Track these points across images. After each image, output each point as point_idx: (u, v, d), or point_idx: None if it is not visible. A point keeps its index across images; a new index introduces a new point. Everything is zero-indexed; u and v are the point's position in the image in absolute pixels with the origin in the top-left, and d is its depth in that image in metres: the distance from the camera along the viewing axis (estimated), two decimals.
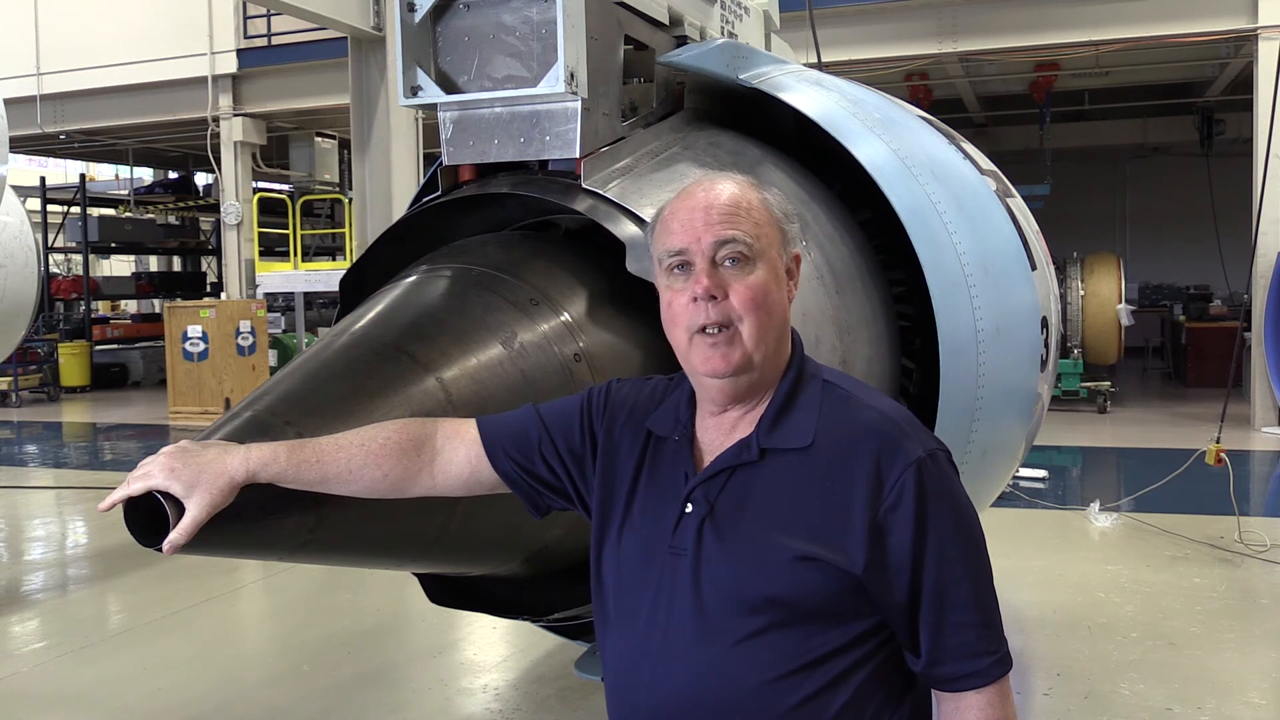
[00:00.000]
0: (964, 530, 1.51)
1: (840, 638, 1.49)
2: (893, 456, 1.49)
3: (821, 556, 1.46)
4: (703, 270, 1.52)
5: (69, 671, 5.09)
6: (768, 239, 1.56)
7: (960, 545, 1.50)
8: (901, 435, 1.51)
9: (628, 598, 1.59)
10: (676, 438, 1.63)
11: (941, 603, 1.48)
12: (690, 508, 1.55)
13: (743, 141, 2.83)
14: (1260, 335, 11.41)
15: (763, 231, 1.55)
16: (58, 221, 22.12)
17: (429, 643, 5.35)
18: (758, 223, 1.55)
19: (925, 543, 1.47)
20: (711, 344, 1.52)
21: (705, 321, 1.52)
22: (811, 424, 1.54)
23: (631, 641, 1.57)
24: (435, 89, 2.39)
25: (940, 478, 1.50)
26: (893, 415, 1.55)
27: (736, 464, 1.55)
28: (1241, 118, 15.65)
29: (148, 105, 16.48)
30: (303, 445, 1.69)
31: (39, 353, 18.23)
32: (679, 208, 1.58)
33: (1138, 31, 12.05)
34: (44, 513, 9.33)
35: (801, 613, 1.47)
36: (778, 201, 1.61)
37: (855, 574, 1.45)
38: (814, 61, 4.98)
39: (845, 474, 1.49)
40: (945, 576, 1.48)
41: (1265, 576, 6.12)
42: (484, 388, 2.03)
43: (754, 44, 3.58)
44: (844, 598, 1.47)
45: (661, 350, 2.40)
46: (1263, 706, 4.35)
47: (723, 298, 1.51)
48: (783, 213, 1.60)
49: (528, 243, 2.51)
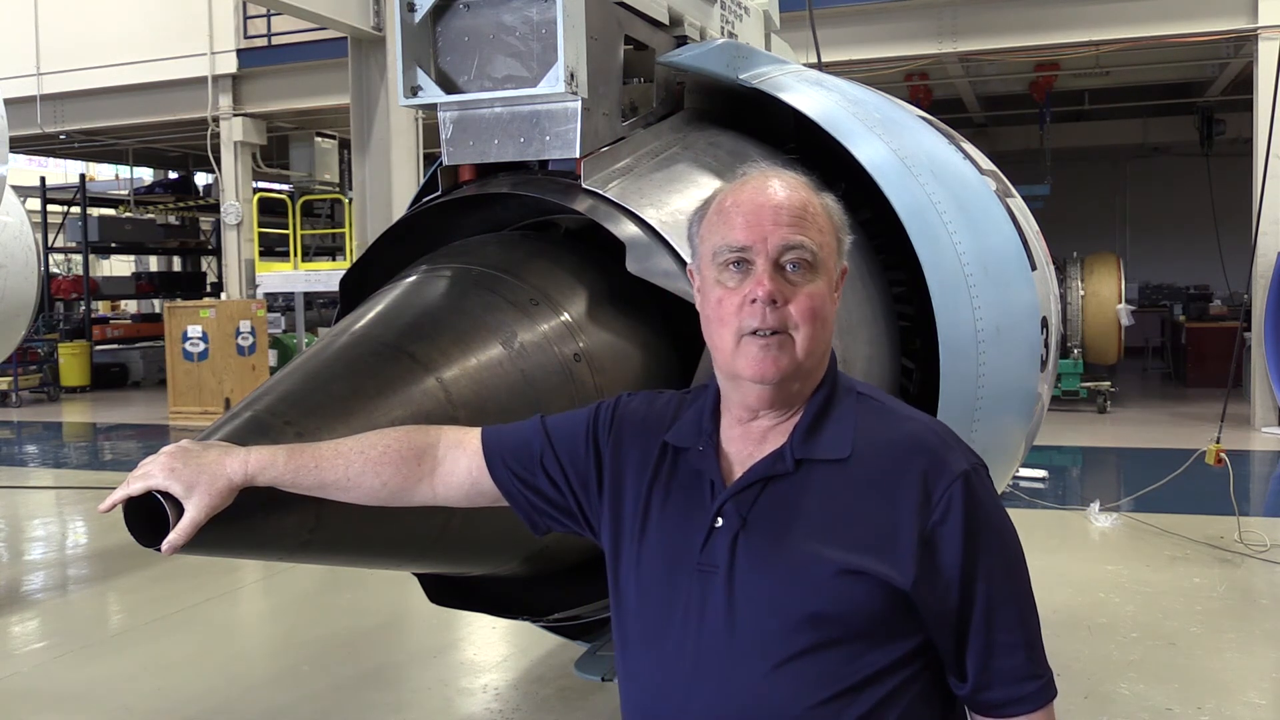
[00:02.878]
0: (1010, 548, 1.47)
1: (885, 657, 1.42)
2: (939, 469, 1.44)
3: (868, 569, 1.39)
4: (765, 272, 1.45)
5: (69, 671, 5.09)
6: (829, 248, 1.50)
7: (1007, 563, 1.46)
8: (945, 449, 1.47)
9: (651, 618, 1.51)
10: (701, 448, 1.55)
11: (990, 622, 1.43)
12: (721, 522, 1.47)
13: (743, 141, 2.83)
14: (1260, 335, 11.41)
15: (826, 240, 1.50)
16: (58, 221, 22.11)
17: (429, 643, 5.35)
18: (822, 230, 1.50)
19: (975, 558, 1.42)
20: (763, 346, 1.45)
21: (760, 325, 1.45)
22: (848, 436, 1.48)
23: (657, 664, 1.49)
24: (435, 89, 2.39)
25: (985, 494, 1.46)
26: (934, 427, 1.51)
27: (770, 475, 1.47)
28: (1241, 118, 15.65)
29: (148, 105, 16.48)
30: (302, 450, 1.66)
31: (39, 353, 18.22)
32: (743, 200, 1.49)
33: (1138, 31, 12.05)
34: (44, 513, 9.33)
35: (847, 630, 1.40)
36: (838, 210, 1.56)
37: (904, 588, 1.39)
38: (814, 61, 4.98)
39: (890, 486, 1.43)
40: (994, 594, 1.43)
41: (1265, 576, 6.12)
42: (484, 388, 2.03)
43: (754, 44, 3.58)
44: (890, 614, 1.41)
45: (661, 350, 2.40)
46: (1263, 706, 4.35)
47: (782, 304, 1.45)
48: (841, 222, 1.55)
49: (528, 243, 2.51)
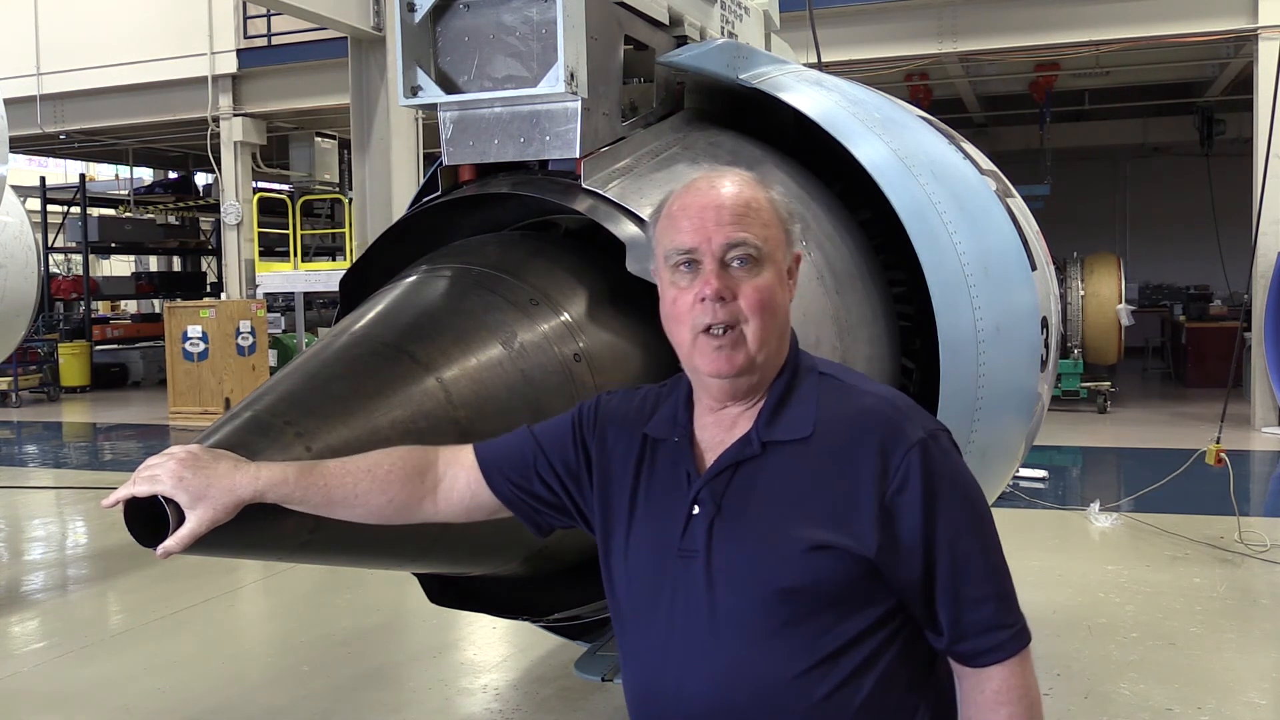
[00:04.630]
0: (971, 507, 1.53)
1: (860, 624, 1.49)
2: (895, 439, 1.50)
3: (834, 543, 1.47)
4: (712, 271, 1.52)
5: (69, 671, 5.09)
6: (774, 240, 1.56)
7: (969, 521, 1.51)
8: (902, 418, 1.53)
9: (642, 605, 1.59)
10: (676, 439, 1.62)
11: (957, 579, 1.50)
12: (698, 509, 1.55)
13: (743, 141, 2.83)
14: (1260, 335, 11.40)
15: (770, 233, 1.55)
16: (58, 221, 22.12)
17: (429, 643, 5.35)
18: (766, 224, 1.55)
19: (935, 521, 1.48)
20: (717, 346, 1.52)
21: (712, 321, 1.52)
22: (810, 415, 1.55)
23: (651, 649, 1.57)
24: (435, 89, 2.39)
25: (943, 457, 1.52)
26: (891, 399, 1.57)
27: (740, 459, 1.55)
28: (1241, 118, 15.65)
29: (148, 105, 16.48)
30: (312, 468, 1.70)
31: (39, 353, 18.23)
32: (688, 204, 1.56)
33: (1138, 31, 12.05)
34: (44, 513, 9.32)
35: (820, 602, 1.48)
36: (783, 201, 1.62)
37: (869, 557, 1.47)
38: (814, 61, 4.98)
39: (849, 460, 1.50)
40: (958, 553, 1.49)
41: (1265, 576, 6.12)
42: (484, 388, 2.03)
43: (754, 44, 3.58)
44: (860, 582, 1.48)
45: (662, 350, 2.40)
46: (1263, 706, 4.35)
47: (731, 299, 1.51)
48: (787, 213, 1.61)
49: (528, 243, 2.51)
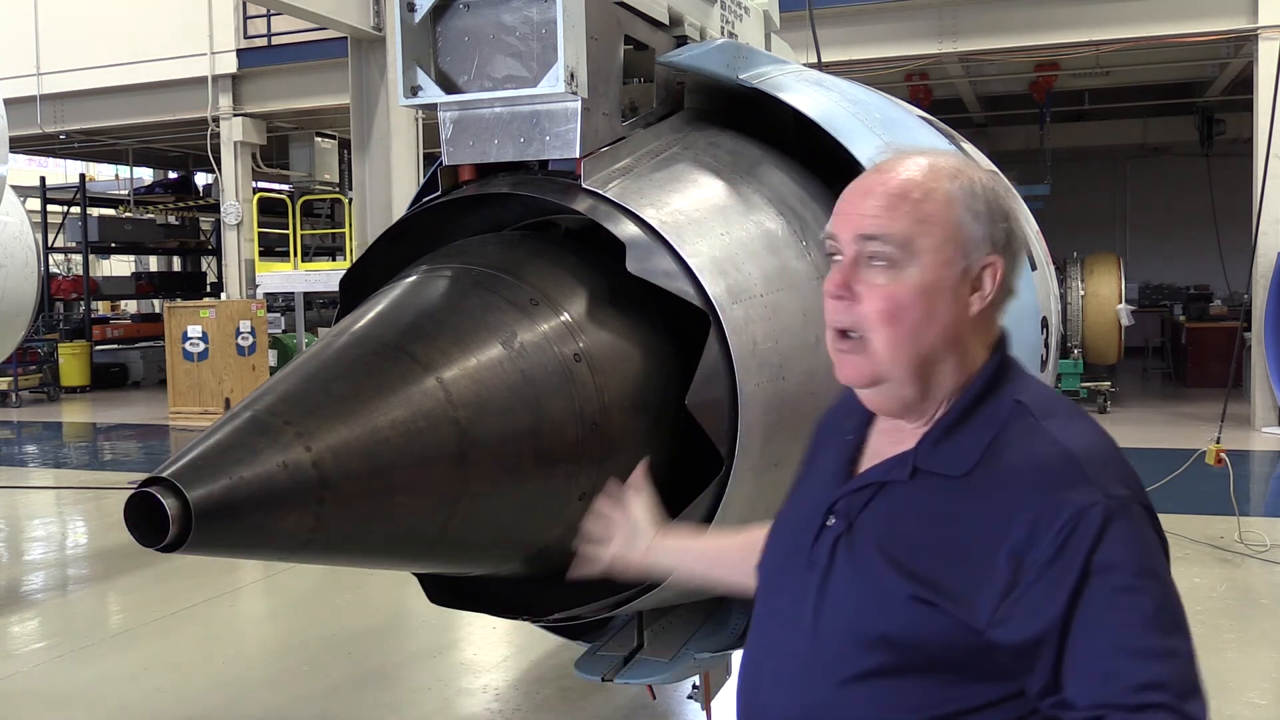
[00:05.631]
0: (1141, 603, 1.19)
1: (969, 699, 1.27)
2: (1057, 506, 1.21)
3: (941, 603, 1.25)
4: (840, 265, 1.35)
5: (69, 671, 5.09)
6: (932, 240, 1.32)
7: (1130, 619, 1.19)
8: (1076, 481, 1.23)
9: (764, 601, 1.50)
10: (849, 436, 1.48)
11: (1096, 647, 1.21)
12: (832, 520, 1.40)
13: (743, 141, 2.83)
14: (1260, 335, 11.40)
15: (926, 230, 1.32)
16: (58, 221, 22.11)
17: (429, 643, 5.35)
18: (924, 219, 1.32)
19: (1076, 611, 1.19)
20: (838, 349, 1.37)
21: (832, 322, 1.37)
22: (977, 450, 1.31)
23: (759, 648, 1.48)
24: (435, 89, 2.39)
25: (1125, 533, 1.20)
26: (1078, 450, 1.27)
27: (885, 480, 1.37)
28: (1241, 118, 15.64)
29: (148, 105, 16.48)
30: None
31: (39, 353, 18.23)
32: (855, 183, 1.39)
33: (1138, 31, 12.05)
34: (44, 513, 9.32)
35: (922, 659, 1.27)
36: (974, 193, 1.35)
37: (978, 629, 1.23)
38: (814, 61, 4.97)
39: (1002, 514, 1.24)
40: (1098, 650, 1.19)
41: (1265, 576, 6.12)
42: (484, 388, 2.02)
43: (754, 44, 3.57)
44: (973, 653, 1.25)
45: (661, 350, 2.40)
46: (1263, 706, 4.35)
47: (853, 300, 1.34)
48: (971, 210, 1.34)
49: (528, 243, 2.51)
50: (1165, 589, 1.22)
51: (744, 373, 2.24)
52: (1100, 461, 1.26)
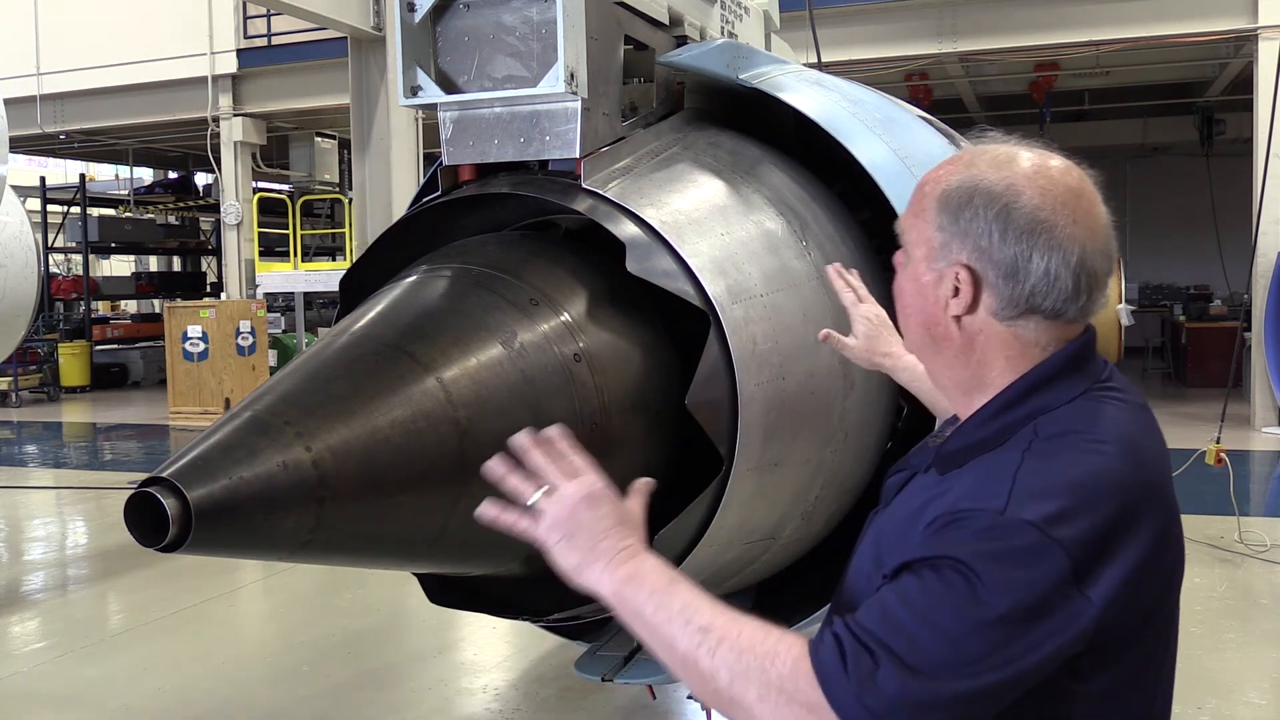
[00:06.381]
0: (946, 581, 1.19)
1: None
2: (972, 499, 1.24)
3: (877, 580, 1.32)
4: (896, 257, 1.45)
5: (69, 671, 5.09)
6: (916, 235, 1.38)
7: (927, 587, 1.20)
8: (1002, 493, 1.23)
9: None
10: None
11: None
12: (884, 499, 1.48)
13: (743, 141, 2.83)
14: (1260, 335, 11.40)
15: (915, 223, 1.38)
16: (58, 221, 22.11)
17: (429, 643, 5.35)
18: (917, 213, 1.37)
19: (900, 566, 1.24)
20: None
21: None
22: (966, 456, 1.33)
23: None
24: (435, 89, 2.39)
25: (989, 549, 1.19)
26: (1025, 479, 1.23)
27: (916, 469, 1.44)
28: (1241, 118, 15.65)
29: (148, 105, 16.48)
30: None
31: (39, 353, 18.23)
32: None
33: (1138, 31, 12.05)
34: (44, 513, 9.32)
35: None
36: (965, 188, 1.32)
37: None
38: (814, 61, 4.98)
39: (933, 500, 1.30)
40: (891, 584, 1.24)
41: (1265, 576, 6.12)
42: (484, 388, 2.02)
43: (754, 44, 3.57)
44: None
45: (661, 350, 2.40)
46: (1263, 706, 4.35)
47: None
48: (942, 208, 1.34)
49: (528, 243, 2.51)
50: (974, 611, 1.17)
51: (744, 373, 2.24)
52: (1037, 497, 1.21)
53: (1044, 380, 1.34)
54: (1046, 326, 1.33)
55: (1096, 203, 1.34)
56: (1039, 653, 1.18)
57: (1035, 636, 1.18)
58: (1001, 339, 1.35)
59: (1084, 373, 1.37)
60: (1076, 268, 1.30)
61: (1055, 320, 1.33)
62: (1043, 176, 1.31)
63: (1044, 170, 1.31)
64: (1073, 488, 1.22)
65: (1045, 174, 1.31)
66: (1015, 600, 1.17)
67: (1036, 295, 1.30)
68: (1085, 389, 1.35)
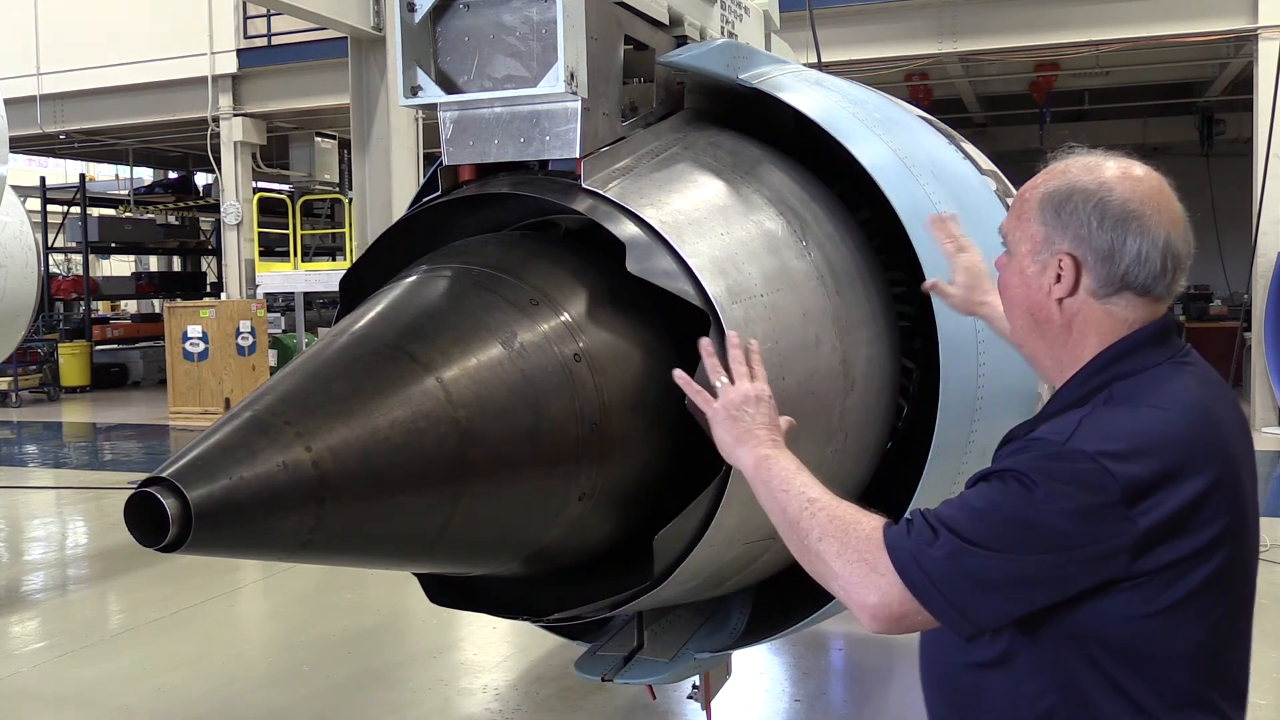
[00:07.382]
0: (984, 504, 1.46)
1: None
2: (1023, 436, 1.53)
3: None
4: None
5: (69, 671, 5.09)
6: (1019, 234, 1.61)
7: (969, 503, 1.48)
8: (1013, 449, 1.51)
9: None
10: None
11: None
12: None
13: (743, 141, 2.83)
14: (1260, 335, 11.41)
15: (1018, 225, 1.62)
16: (58, 221, 22.11)
17: (429, 643, 5.35)
18: (1019, 215, 1.62)
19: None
20: None
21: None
22: (1039, 420, 1.57)
23: None
24: (435, 89, 2.39)
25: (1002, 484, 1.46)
26: (1056, 431, 1.48)
27: (1016, 436, 1.60)
28: (1241, 118, 15.65)
29: (148, 105, 16.48)
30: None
31: (39, 353, 18.23)
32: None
33: (1138, 31, 12.05)
34: (44, 513, 9.33)
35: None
36: (1063, 190, 1.59)
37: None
38: (814, 61, 4.98)
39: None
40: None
41: (1265, 576, 6.11)
42: (484, 388, 2.02)
43: (754, 44, 3.57)
44: None
45: (661, 350, 2.40)
46: (1263, 706, 4.35)
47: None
48: (1044, 208, 1.59)
49: (528, 243, 2.51)
50: (1001, 510, 1.44)
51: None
52: (1097, 436, 1.42)
53: (1126, 351, 1.54)
54: (1137, 304, 1.54)
55: (1175, 199, 1.59)
56: (1080, 557, 1.40)
57: (1079, 540, 1.39)
58: (1096, 317, 1.55)
59: (1164, 347, 1.56)
60: (1164, 250, 1.53)
61: (1144, 297, 1.54)
62: (1129, 177, 1.56)
63: (1129, 172, 1.57)
64: (1128, 436, 1.43)
65: (1131, 175, 1.56)
66: (1066, 506, 1.39)
67: (1130, 274, 1.52)
68: (1162, 360, 1.54)
